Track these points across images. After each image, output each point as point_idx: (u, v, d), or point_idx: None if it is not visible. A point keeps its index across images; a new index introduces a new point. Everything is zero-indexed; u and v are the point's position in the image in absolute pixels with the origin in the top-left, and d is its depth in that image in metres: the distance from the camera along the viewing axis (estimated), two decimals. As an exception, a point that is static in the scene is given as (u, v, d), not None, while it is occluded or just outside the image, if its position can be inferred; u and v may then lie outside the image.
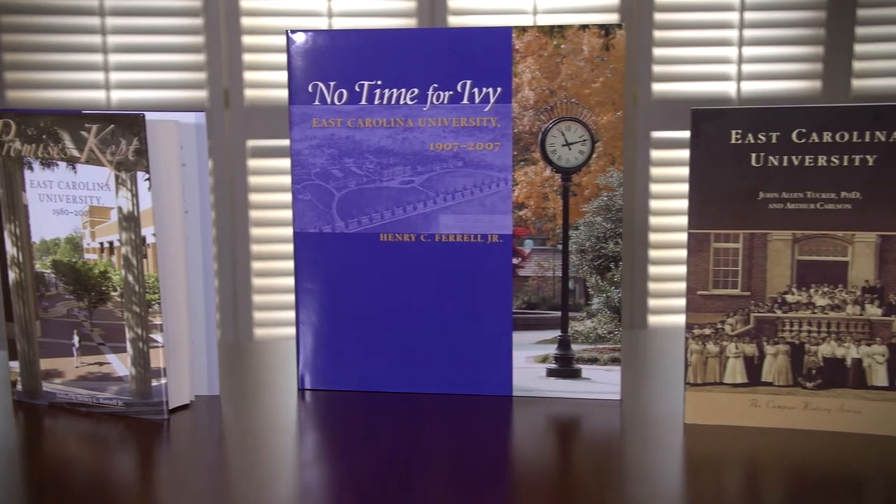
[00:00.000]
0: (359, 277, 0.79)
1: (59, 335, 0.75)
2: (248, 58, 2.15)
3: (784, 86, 2.23)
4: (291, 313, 2.18)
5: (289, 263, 2.15)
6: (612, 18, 2.19)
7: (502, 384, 0.79)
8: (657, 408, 0.76)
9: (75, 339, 0.74)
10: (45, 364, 0.76)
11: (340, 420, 0.74)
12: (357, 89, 0.77)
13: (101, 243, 0.72)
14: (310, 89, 0.78)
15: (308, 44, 0.77)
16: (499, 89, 0.76)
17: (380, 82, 0.77)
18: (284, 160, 2.19)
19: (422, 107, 0.77)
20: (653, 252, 2.25)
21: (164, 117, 0.72)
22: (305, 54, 0.77)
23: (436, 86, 0.76)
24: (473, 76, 0.76)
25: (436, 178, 0.77)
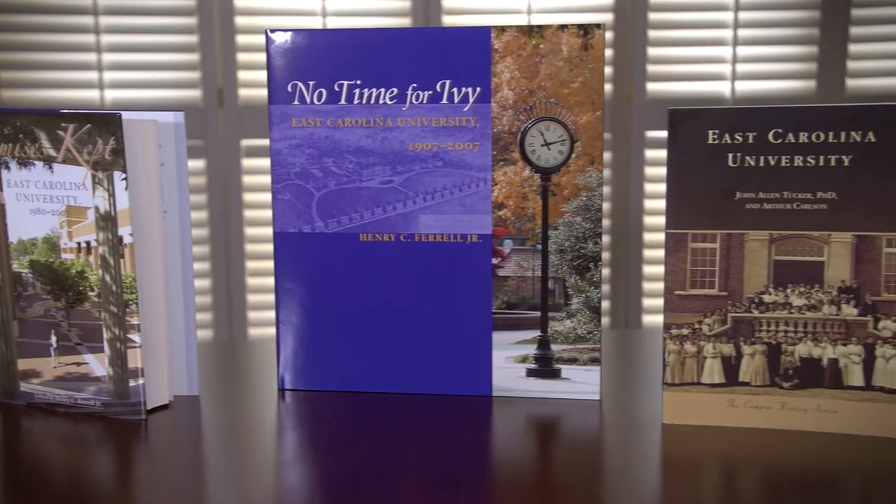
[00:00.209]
0: (339, 277, 0.79)
1: (37, 335, 0.75)
2: (242, 57, 2.15)
3: (778, 85, 2.22)
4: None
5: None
6: (607, 18, 2.19)
7: (482, 384, 0.79)
8: (636, 408, 0.76)
9: (53, 339, 0.74)
10: (22, 364, 0.76)
11: (320, 420, 0.74)
12: (336, 89, 0.77)
13: (79, 243, 0.72)
14: (289, 89, 0.78)
15: (287, 43, 0.77)
16: (478, 89, 0.76)
17: (359, 82, 0.77)
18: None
19: (401, 106, 0.77)
20: (647, 252, 2.25)
21: (142, 117, 0.72)
22: (285, 54, 0.77)
23: (415, 85, 0.76)
24: (453, 76, 0.76)
25: (415, 178, 0.77)
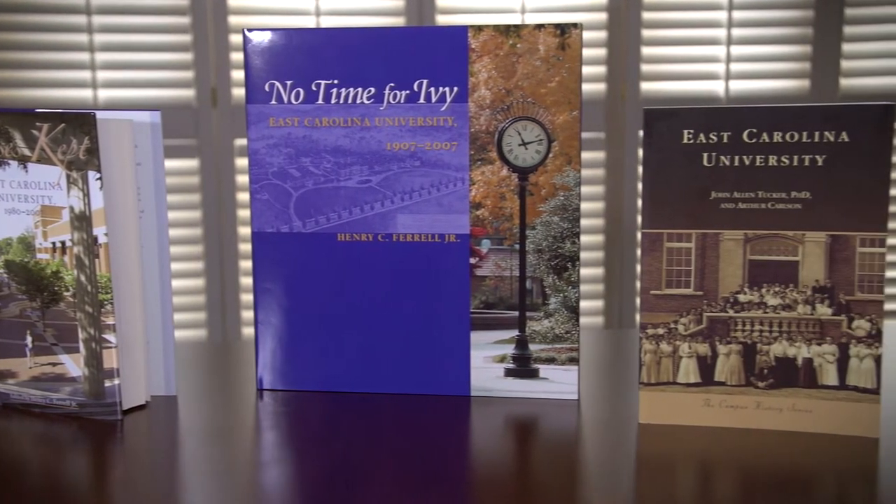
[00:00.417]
0: (317, 277, 0.79)
1: (12, 335, 0.75)
2: (235, 56, 2.15)
3: (772, 85, 2.22)
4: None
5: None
6: (601, 17, 2.18)
7: (460, 384, 0.79)
8: (614, 407, 0.75)
9: (28, 339, 0.74)
10: (-1, 364, 0.76)
11: (298, 420, 0.74)
12: (314, 88, 0.77)
13: (54, 243, 0.72)
14: (266, 88, 0.78)
15: (265, 42, 0.77)
16: (455, 89, 0.76)
17: (336, 81, 0.77)
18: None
19: (378, 106, 0.77)
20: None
21: (117, 116, 0.72)
22: (262, 53, 0.77)
23: (392, 85, 0.76)
24: (430, 75, 0.76)
25: (393, 178, 0.77)
